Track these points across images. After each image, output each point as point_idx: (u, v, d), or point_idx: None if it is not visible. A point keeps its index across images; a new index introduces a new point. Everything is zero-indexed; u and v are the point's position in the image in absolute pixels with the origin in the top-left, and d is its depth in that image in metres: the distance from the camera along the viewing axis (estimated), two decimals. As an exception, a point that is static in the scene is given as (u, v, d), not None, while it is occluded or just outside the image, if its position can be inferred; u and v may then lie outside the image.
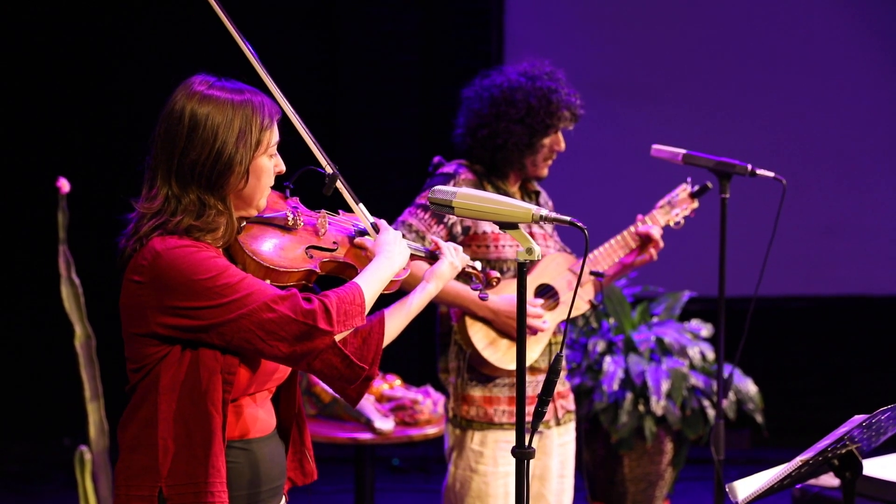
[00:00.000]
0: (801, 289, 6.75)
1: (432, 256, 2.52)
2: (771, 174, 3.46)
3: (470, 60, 6.89)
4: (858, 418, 2.67)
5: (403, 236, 3.28)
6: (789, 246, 6.56)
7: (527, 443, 2.19)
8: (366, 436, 4.06)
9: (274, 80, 2.45)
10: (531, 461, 3.35)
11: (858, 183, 6.64)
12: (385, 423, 4.05)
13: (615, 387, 4.65)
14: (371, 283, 2.33)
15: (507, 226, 2.19)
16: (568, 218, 2.18)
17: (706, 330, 5.00)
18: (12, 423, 6.66)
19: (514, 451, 2.20)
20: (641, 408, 4.69)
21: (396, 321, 2.46)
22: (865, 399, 6.97)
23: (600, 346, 4.82)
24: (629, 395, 4.68)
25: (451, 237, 3.33)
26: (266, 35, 6.66)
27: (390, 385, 4.30)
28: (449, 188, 2.27)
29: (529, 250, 2.17)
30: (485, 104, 3.37)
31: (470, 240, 3.35)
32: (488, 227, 3.34)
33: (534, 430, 2.18)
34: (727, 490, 2.81)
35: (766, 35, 6.63)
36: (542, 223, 3.40)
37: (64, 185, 4.02)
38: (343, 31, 6.81)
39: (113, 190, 6.59)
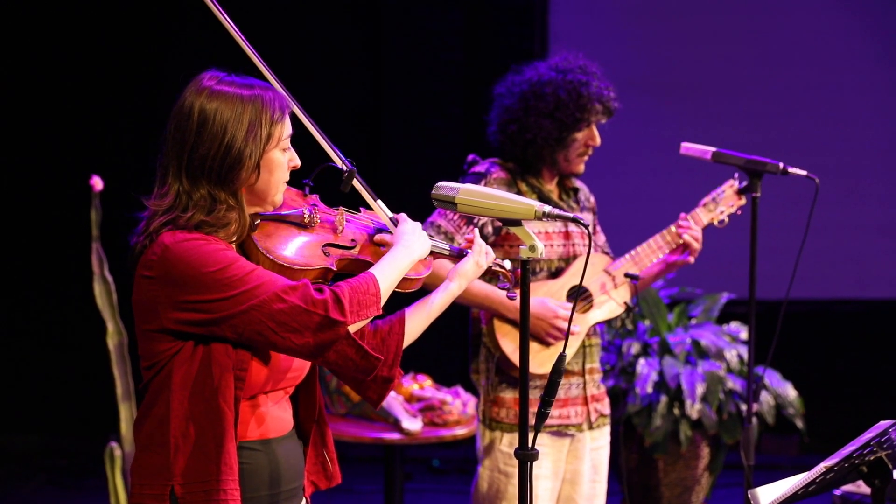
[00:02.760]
0: (852, 292, 6.59)
1: (458, 255, 2.46)
2: (803, 172, 3.37)
3: (514, 58, 6.79)
4: (884, 424, 2.58)
5: (431, 237, 3.25)
6: (841, 248, 6.42)
7: (530, 444, 2.14)
8: (393, 436, 4.04)
9: (317, 78, 2.42)
10: (562, 465, 3.34)
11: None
12: (413, 424, 4.02)
13: (649, 389, 4.57)
14: (387, 271, 2.28)
15: (511, 222, 2.15)
16: (571, 215, 2.14)
17: (745, 332, 4.89)
18: (58, 419, 6.75)
19: (517, 453, 2.16)
20: (676, 411, 4.59)
21: (417, 321, 2.41)
22: (879, 405, 6.81)
23: (635, 348, 4.74)
24: (663, 398, 4.59)
25: (482, 237, 3.27)
26: (310, 33, 6.68)
27: (420, 385, 4.27)
28: (452, 184, 2.24)
29: (532, 248, 2.13)
30: (514, 99, 3.31)
31: (502, 240, 3.29)
32: None
33: (536, 432, 2.14)
34: (749, 496, 2.74)
35: (814, 32, 6.49)
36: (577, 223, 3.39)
37: (97, 182, 4.05)
38: (386, 29, 6.81)
39: (146, 188, 6.67)
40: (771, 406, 4.68)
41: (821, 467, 2.60)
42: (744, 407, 4.63)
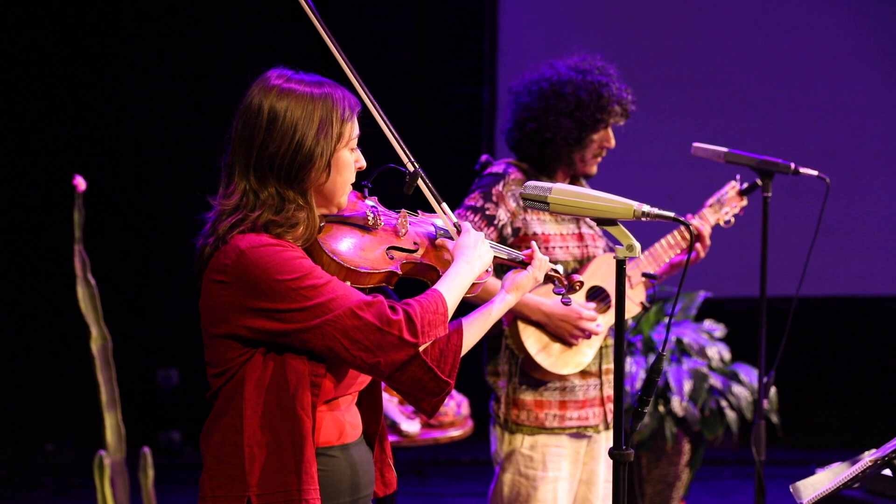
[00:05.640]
0: (790, 290, 6.76)
1: (517, 262, 2.44)
2: (814, 172, 3.46)
3: (463, 59, 6.86)
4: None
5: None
6: (783, 246, 6.59)
7: (623, 445, 2.13)
8: (392, 438, 3.98)
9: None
10: (580, 466, 3.35)
11: (852, 183, 6.67)
12: (411, 426, 3.98)
13: (637, 387, 4.62)
14: (452, 290, 2.25)
15: (606, 222, 2.14)
16: (672, 214, 2.13)
17: (720, 331, 5.00)
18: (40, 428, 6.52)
19: (611, 453, 2.15)
20: (661, 409, 4.66)
21: (474, 331, 2.37)
22: (849, 400, 7.06)
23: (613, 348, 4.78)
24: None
25: (501, 239, 3.25)
26: (257, 31, 6.57)
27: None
28: (543, 183, 2.22)
29: (630, 247, 2.12)
30: (533, 97, 3.30)
31: (520, 241, 3.27)
32: (539, 229, 3.28)
33: (632, 432, 2.13)
34: (791, 490, 2.79)
35: (750, 34, 6.65)
36: (589, 223, 3.42)
37: (80, 183, 3.90)
38: (336, 29, 6.71)
39: (130, 189, 6.56)
40: (749, 402, 4.79)
41: (867, 461, 2.67)
42: (723, 403, 4.73)
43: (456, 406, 4.16)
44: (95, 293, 3.99)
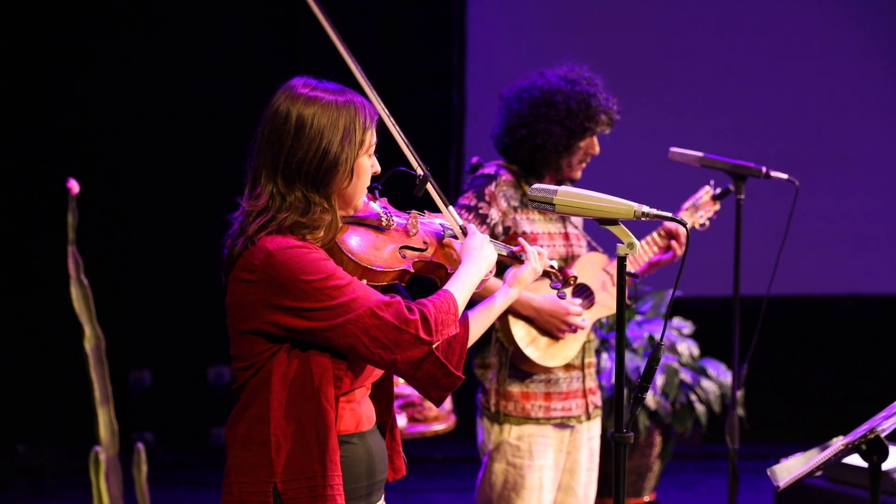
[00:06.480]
0: (748, 289, 6.96)
1: (516, 258, 2.60)
2: (784, 176, 3.65)
3: (431, 66, 6.99)
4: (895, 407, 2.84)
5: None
6: (746, 247, 6.79)
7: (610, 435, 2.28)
8: (379, 433, 4.11)
9: (235, 83, 2.49)
10: (563, 455, 3.52)
11: (805, 185, 6.88)
12: (397, 420, 4.10)
13: (613, 382, 4.79)
14: (461, 290, 2.41)
15: (607, 222, 2.30)
16: (669, 214, 2.28)
17: (688, 328, 5.20)
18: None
19: (612, 436, 2.30)
20: (635, 402, 4.83)
21: (480, 324, 2.53)
22: (806, 396, 7.29)
23: (594, 343, 4.95)
24: (624, 391, 4.81)
25: (492, 237, 3.39)
26: (226, 40, 6.65)
27: (395, 382, 4.33)
28: (548, 186, 2.37)
29: (631, 245, 2.28)
30: (524, 105, 3.45)
31: (510, 240, 3.42)
32: (528, 228, 3.44)
33: (632, 416, 2.29)
34: (768, 473, 2.97)
35: (724, 37, 6.84)
36: (574, 223, 3.59)
37: (74, 186, 4.00)
38: (304, 35, 6.83)
39: (122, 191, 6.60)
40: (717, 395, 4.98)
41: (839, 445, 2.85)
42: (693, 397, 4.93)
43: (439, 401, 4.30)
44: (89, 293, 4.09)
